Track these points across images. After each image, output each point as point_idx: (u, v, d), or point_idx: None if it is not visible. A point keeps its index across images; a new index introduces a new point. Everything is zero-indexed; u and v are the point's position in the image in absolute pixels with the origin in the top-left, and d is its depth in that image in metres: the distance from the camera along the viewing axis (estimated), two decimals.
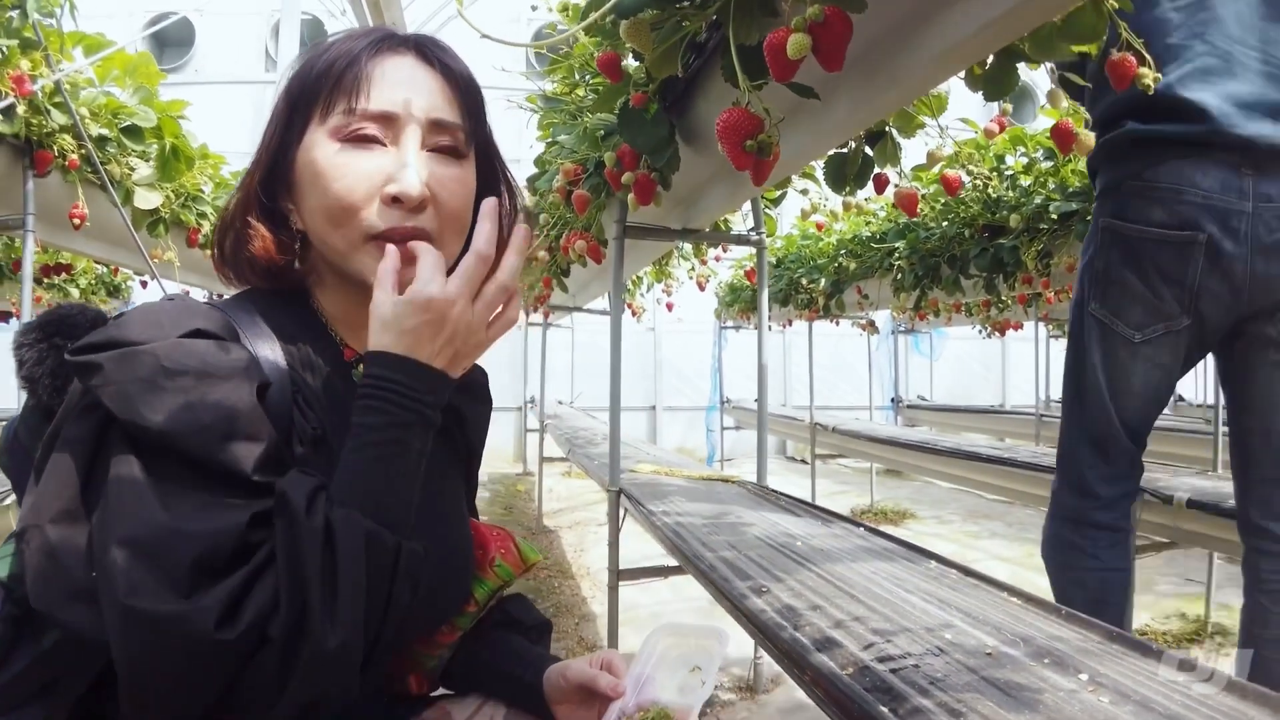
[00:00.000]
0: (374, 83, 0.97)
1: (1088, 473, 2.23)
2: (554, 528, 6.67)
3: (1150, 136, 1.95)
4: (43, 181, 3.18)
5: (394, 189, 0.95)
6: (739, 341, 10.11)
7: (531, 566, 1.24)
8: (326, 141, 0.96)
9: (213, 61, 12.49)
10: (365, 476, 0.87)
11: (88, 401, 0.83)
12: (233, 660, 0.76)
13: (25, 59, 2.81)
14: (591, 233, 3.20)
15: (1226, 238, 1.96)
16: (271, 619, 0.77)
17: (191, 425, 0.80)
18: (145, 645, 0.74)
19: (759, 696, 3.33)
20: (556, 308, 6.69)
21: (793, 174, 2.67)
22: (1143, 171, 2.03)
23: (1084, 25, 1.37)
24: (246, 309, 0.99)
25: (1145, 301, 2.08)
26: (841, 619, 1.49)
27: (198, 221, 4.49)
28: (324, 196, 0.96)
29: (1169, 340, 2.09)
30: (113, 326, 0.86)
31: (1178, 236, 1.99)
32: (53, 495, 0.81)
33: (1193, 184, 1.96)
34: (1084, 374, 2.22)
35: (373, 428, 0.88)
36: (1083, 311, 2.22)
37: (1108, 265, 2.14)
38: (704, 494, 3.02)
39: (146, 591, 0.73)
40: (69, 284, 6.52)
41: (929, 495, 8.30)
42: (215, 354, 0.86)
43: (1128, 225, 2.08)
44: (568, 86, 2.73)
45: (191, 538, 0.77)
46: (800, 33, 1.15)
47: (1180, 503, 3.10)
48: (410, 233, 0.96)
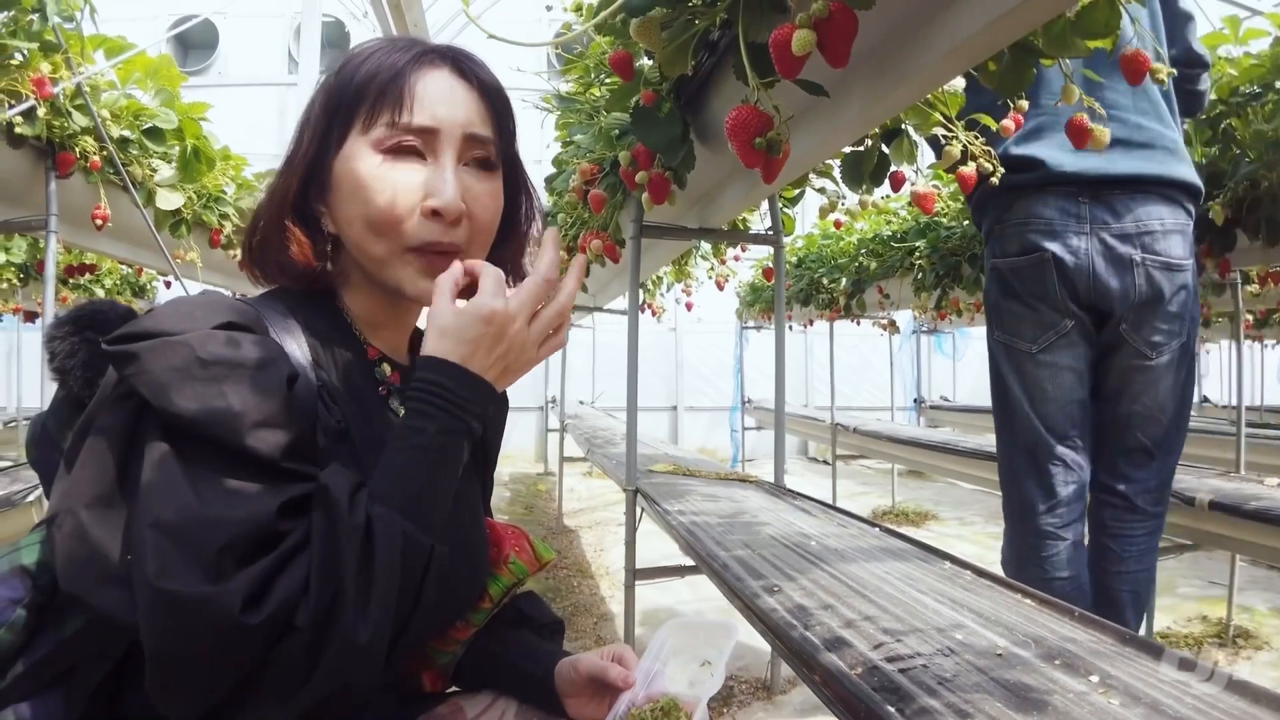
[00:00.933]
0: (416, 97, 0.99)
1: (1026, 483, 2.51)
2: (574, 527, 6.68)
3: (1005, 187, 2.18)
4: (65, 183, 3.20)
5: (434, 203, 0.98)
6: (760, 341, 10.10)
7: (546, 564, 1.24)
8: (369, 153, 0.98)
9: (236, 64, 12.59)
10: (407, 477, 0.89)
11: (122, 390, 0.85)
12: (257, 645, 0.76)
13: (46, 62, 2.84)
14: (608, 232, 3.20)
15: (1068, 254, 2.35)
16: (299, 608, 0.78)
17: (223, 413, 0.81)
18: (171, 626, 0.75)
19: (776, 697, 3.33)
20: (577, 308, 6.69)
21: (806, 172, 2.66)
22: (1002, 215, 2.47)
23: (1097, 20, 1.36)
24: (275, 306, 1.01)
25: (1029, 318, 2.46)
26: (852, 618, 1.48)
27: (220, 222, 4.51)
28: (366, 207, 0.98)
29: (1062, 344, 2.43)
30: (147, 318, 0.88)
31: (1030, 259, 2.40)
32: (87, 481, 0.83)
33: (1037, 215, 2.38)
34: (1006, 394, 2.54)
35: (421, 431, 0.90)
36: (992, 342, 2.59)
37: (996, 297, 2.55)
38: (721, 494, 3.02)
39: (175, 574, 0.74)
40: (94, 284, 6.57)
41: (951, 496, 8.26)
42: (246, 345, 0.87)
43: (1000, 260, 2.50)
44: (583, 86, 2.73)
45: (221, 523, 0.78)
46: (805, 29, 1.15)
47: (1203, 504, 3.08)
48: (447, 247, 1.00)
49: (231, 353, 0.85)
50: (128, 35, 3.26)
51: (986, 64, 1.54)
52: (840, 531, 2.29)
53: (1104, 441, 2.53)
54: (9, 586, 0.90)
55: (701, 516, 2.51)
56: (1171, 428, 2.48)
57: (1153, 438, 2.47)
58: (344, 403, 0.98)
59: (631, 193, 2.60)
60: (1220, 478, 3.78)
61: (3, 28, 2.71)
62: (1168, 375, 2.43)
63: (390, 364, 1.09)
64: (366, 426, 0.99)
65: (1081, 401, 2.47)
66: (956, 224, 4.80)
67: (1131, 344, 2.41)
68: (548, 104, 2.96)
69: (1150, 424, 2.46)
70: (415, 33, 4.65)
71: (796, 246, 6.83)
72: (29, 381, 9.10)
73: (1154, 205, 2.33)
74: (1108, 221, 2.33)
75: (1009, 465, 2.59)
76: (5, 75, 2.76)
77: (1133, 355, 2.42)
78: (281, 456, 0.84)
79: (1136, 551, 2.49)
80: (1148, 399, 2.44)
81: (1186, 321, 2.43)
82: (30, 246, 5.83)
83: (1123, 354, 2.44)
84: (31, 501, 3.14)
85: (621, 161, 2.41)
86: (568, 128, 2.82)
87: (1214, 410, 12.34)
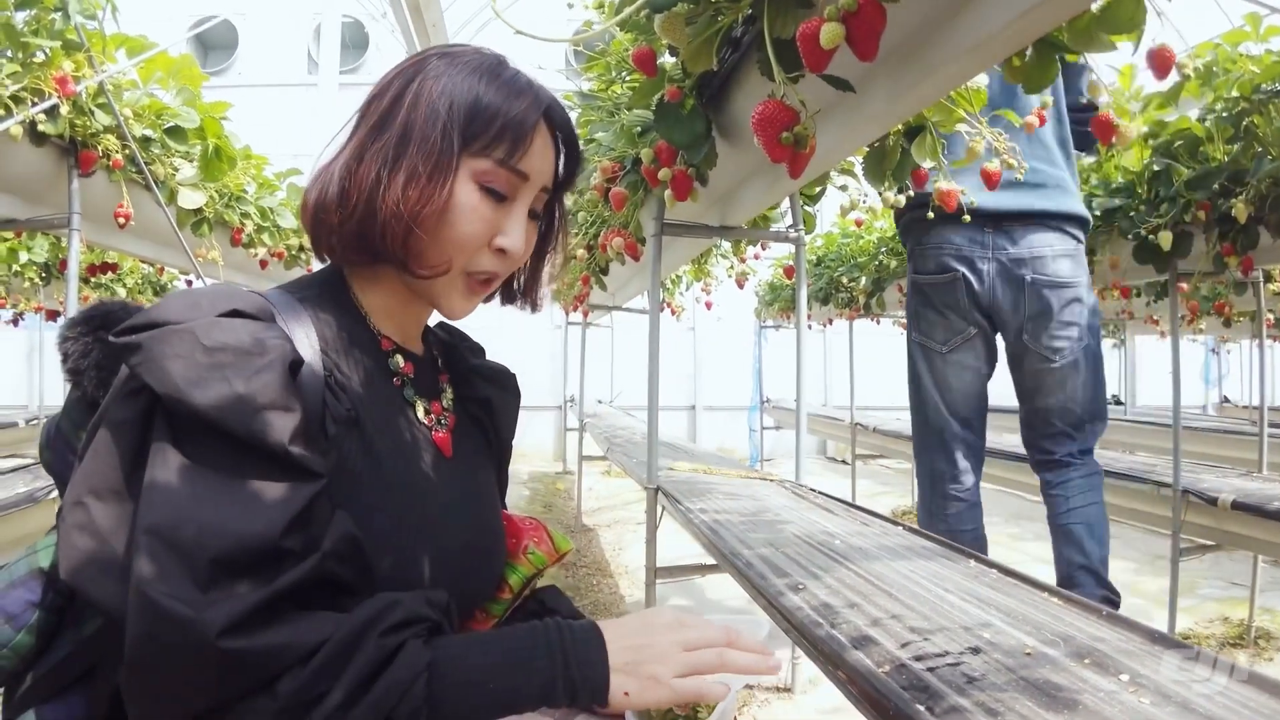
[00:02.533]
0: (531, 148, 1.01)
1: (935, 457, 3.10)
2: (593, 526, 6.68)
3: (925, 217, 2.82)
4: (87, 181, 3.21)
5: (505, 244, 1.02)
6: (779, 340, 10.08)
7: (565, 555, 1.24)
8: (470, 181, 0.99)
9: (255, 65, 12.65)
10: (474, 664, 0.86)
11: (133, 386, 0.84)
12: (229, 676, 0.75)
13: (69, 60, 2.85)
14: (629, 230, 3.20)
15: (974, 275, 2.92)
16: (286, 675, 0.76)
17: (228, 398, 0.81)
18: (148, 633, 0.74)
19: (796, 697, 3.32)
20: (596, 306, 6.70)
21: (830, 169, 2.66)
22: (922, 239, 3.02)
23: (1123, 15, 1.35)
24: (286, 296, 1.00)
25: (941, 324, 3.05)
26: (879, 617, 1.48)
27: (241, 221, 4.53)
28: (452, 229, 0.99)
29: (967, 347, 3.04)
30: (153, 309, 0.87)
31: (944, 277, 2.96)
32: (96, 474, 0.82)
33: (950, 242, 2.94)
34: (919, 385, 3.15)
35: (528, 665, 0.87)
36: (910, 341, 3.18)
37: (915, 306, 3.13)
38: (741, 492, 3.01)
39: (161, 580, 0.73)
40: (115, 283, 6.60)
41: None
42: (251, 332, 0.87)
43: (919, 276, 3.07)
44: (605, 83, 2.73)
45: (218, 533, 0.76)
46: (834, 22, 1.14)
47: (1225, 504, 3.07)
48: (496, 276, 1.05)
49: (236, 339, 0.85)
50: (147, 36, 3.26)
51: (1011, 59, 1.53)
52: (863, 530, 2.28)
53: (1032, 428, 3.08)
54: (28, 589, 0.91)
55: (723, 515, 2.51)
56: (1086, 415, 2.98)
57: (1071, 424, 2.98)
58: (353, 391, 0.97)
59: (653, 190, 2.60)
60: (1243, 478, 3.76)
61: (25, 26, 2.73)
62: (1073, 374, 2.92)
63: (404, 355, 1.08)
64: (379, 415, 0.98)
65: (980, 394, 3.10)
66: None
67: (1036, 351, 2.93)
68: (569, 101, 2.96)
69: (1066, 414, 2.97)
70: (434, 33, 4.66)
71: (816, 245, 6.81)
72: (51, 380, 9.16)
73: (1045, 234, 2.88)
74: (1006, 248, 2.89)
75: (921, 442, 3.18)
76: (28, 73, 2.77)
77: (1039, 360, 2.94)
78: (288, 439, 0.83)
79: (1078, 491, 2.94)
80: (1060, 395, 2.96)
81: (1084, 328, 2.92)
82: (52, 246, 5.86)
83: (1030, 359, 2.96)
84: (54, 499, 3.16)
85: (643, 159, 2.41)
86: (589, 125, 2.82)
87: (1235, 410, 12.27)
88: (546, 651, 0.88)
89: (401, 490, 0.97)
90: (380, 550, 0.90)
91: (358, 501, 0.90)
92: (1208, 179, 3.03)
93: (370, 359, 1.03)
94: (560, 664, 0.88)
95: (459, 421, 1.13)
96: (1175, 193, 3.18)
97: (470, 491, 1.10)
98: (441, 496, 1.03)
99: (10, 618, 0.89)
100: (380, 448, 0.96)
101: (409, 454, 1.01)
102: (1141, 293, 5.69)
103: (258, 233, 4.74)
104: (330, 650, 0.78)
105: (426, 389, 1.10)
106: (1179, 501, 3.40)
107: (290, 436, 0.83)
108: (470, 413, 1.18)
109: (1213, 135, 3.01)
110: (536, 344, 11.17)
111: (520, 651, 0.88)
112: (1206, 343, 12.75)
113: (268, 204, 4.78)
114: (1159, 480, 3.77)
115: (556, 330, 10.78)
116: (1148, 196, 3.41)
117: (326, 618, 0.80)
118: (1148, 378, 13.09)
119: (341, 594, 0.85)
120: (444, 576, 0.98)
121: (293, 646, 0.77)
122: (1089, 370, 2.94)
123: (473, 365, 1.21)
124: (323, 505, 0.85)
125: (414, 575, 0.95)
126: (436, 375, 1.14)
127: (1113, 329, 10.59)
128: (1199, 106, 3.07)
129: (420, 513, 0.98)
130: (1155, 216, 3.30)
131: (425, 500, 0.99)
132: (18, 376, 11.33)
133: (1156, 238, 3.26)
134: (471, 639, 0.89)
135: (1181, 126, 3.14)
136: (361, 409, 0.96)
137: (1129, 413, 9.76)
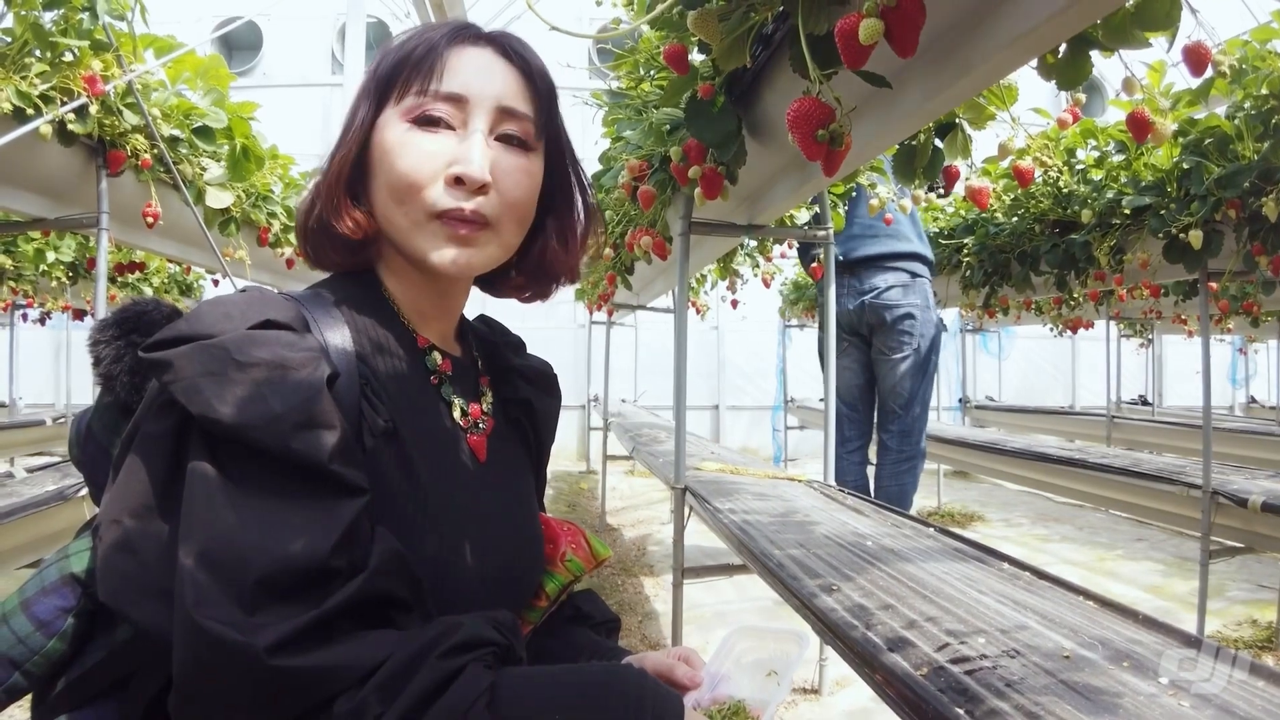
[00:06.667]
0: (449, 67, 0.98)
1: (843, 424, 4.39)
2: (616, 525, 6.68)
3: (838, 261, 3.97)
4: (116, 181, 3.23)
5: (457, 169, 0.95)
6: (803, 340, 10.05)
7: (603, 562, 1.22)
8: (397, 121, 0.97)
9: (280, 65, 12.70)
10: (543, 696, 0.84)
11: (165, 399, 0.82)
12: (283, 694, 0.74)
13: (97, 60, 2.86)
14: (657, 229, 3.19)
15: (841, 304, 4.23)
16: (344, 695, 0.75)
17: (264, 416, 0.79)
18: (197, 658, 0.73)
19: (824, 698, 3.31)
20: (620, 306, 6.70)
21: (861, 166, 2.64)
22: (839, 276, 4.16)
23: (1158, 12, 1.34)
24: (321, 298, 0.98)
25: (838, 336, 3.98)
26: (914, 619, 1.47)
27: (268, 221, 4.55)
28: (390, 173, 0.96)
29: (850, 350, 4.46)
30: (183, 321, 0.85)
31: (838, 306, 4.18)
32: (131, 492, 0.81)
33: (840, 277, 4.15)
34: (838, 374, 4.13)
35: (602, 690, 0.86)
36: None
37: None
38: (770, 492, 3.00)
39: (206, 605, 0.72)
40: (142, 282, 6.65)
41: (997, 497, 8.20)
42: (286, 344, 0.85)
43: None
44: (633, 81, 2.72)
45: (261, 554, 0.75)
46: (873, 17, 1.13)
47: (1255, 505, 3.04)
48: (471, 215, 0.96)
49: (270, 354, 0.83)
50: (175, 36, 3.28)
51: (1045, 57, 1.52)
52: (894, 531, 2.27)
53: (880, 411, 4.46)
54: (60, 595, 0.89)
55: (753, 515, 2.50)
56: (909, 398, 4.28)
57: (899, 403, 4.31)
58: (392, 397, 0.96)
59: (681, 188, 2.59)
60: (1272, 479, 3.72)
61: (54, 26, 2.74)
62: (902, 365, 4.23)
63: (440, 353, 1.06)
64: (416, 423, 0.96)
65: (860, 386, 4.52)
66: (1006, 220, 4.75)
67: (881, 351, 4.32)
68: (597, 99, 2.96)
69: (895, 396, 4.32)
70: None
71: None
72: (78, 379, 9.23)
73: (881, 274, 4.23)
74: (856, 285, 4.28)
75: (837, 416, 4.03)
76: (57, 73, 2.79)
77: (881, 356, 4.33)
78: (329, 457, 0.81)
79: (887, 474, 4.33)
80: (891, 380, 4.31)
81: (916, 337, 4.21)
82: (79, 245, 5.90)
83: (878, 358, 4.36)
84: (83, 496, 3.19)
85: (673, 157, 2.40)
86: (616, 123, 2.82)
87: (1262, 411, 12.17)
88: (621, 694, 0.86)
89: (439, 503, 0.95)
90: (418, 565, 0.88)
91: (395, 516, 0.89)
92: (1238, 177, 3.00)
93: (407, 358, 1.01)
94: (635, 710, 0.85)
95: (497, 425, 1.11)
96: (1205, 191, 3.15)
97: (509, 500, 1.08)
98: (481, 508, 1.01)
99: (42, 625, 0.87)
100: (418, 460, 0.94)
101: (447, 464, 1.00)
102: (1169, 291, 5.65)
103: (284, 232, 4.77)
104: (388, 671, 0.76)
105: (465, 389, 1.08)
106: (1209, 503, 3.37)
107: (330, 454, 0.81)
108: (510, 415, 1.15)
109: (1242, 133, 2.98)
110: (560, 343, 11.16)
111: (592, 688, 0.86)
112: (1234, 342, 12.65)
113: (294, 204, 4.80)
114: (1188, 481, 3.73)
115: (580, 329, 10.78)
116: (1177, 195, 3.37)
117: (386, 638, 0.79)
118: (1175, 378, 13.02)
119: (396, 609, 0.83)
120: (483, 591, 0.96)
121: (350, 666, 0.76)
122: (916, 366, 4.24)
123: (514, 365, 1.18)
124: (366, 521, 0.83)
125: (453, 590, 0.93)
126: (477, 377, 1.12)
127: (1140, 328, 10.51)
128: (1227, 104, 3.04)
129: (459, 526, 0.96)
130: (1185, 215, 3.27)
131: (463, 513, 0.98)
132: (45, 375, 11.42)
133: (1187, 236, 3.23)
134: (542, 670, 0.88)
135: (1211, 124, 3.11)
136: (399, 418, 0.95)
137: (1156, 413, 9.71)
